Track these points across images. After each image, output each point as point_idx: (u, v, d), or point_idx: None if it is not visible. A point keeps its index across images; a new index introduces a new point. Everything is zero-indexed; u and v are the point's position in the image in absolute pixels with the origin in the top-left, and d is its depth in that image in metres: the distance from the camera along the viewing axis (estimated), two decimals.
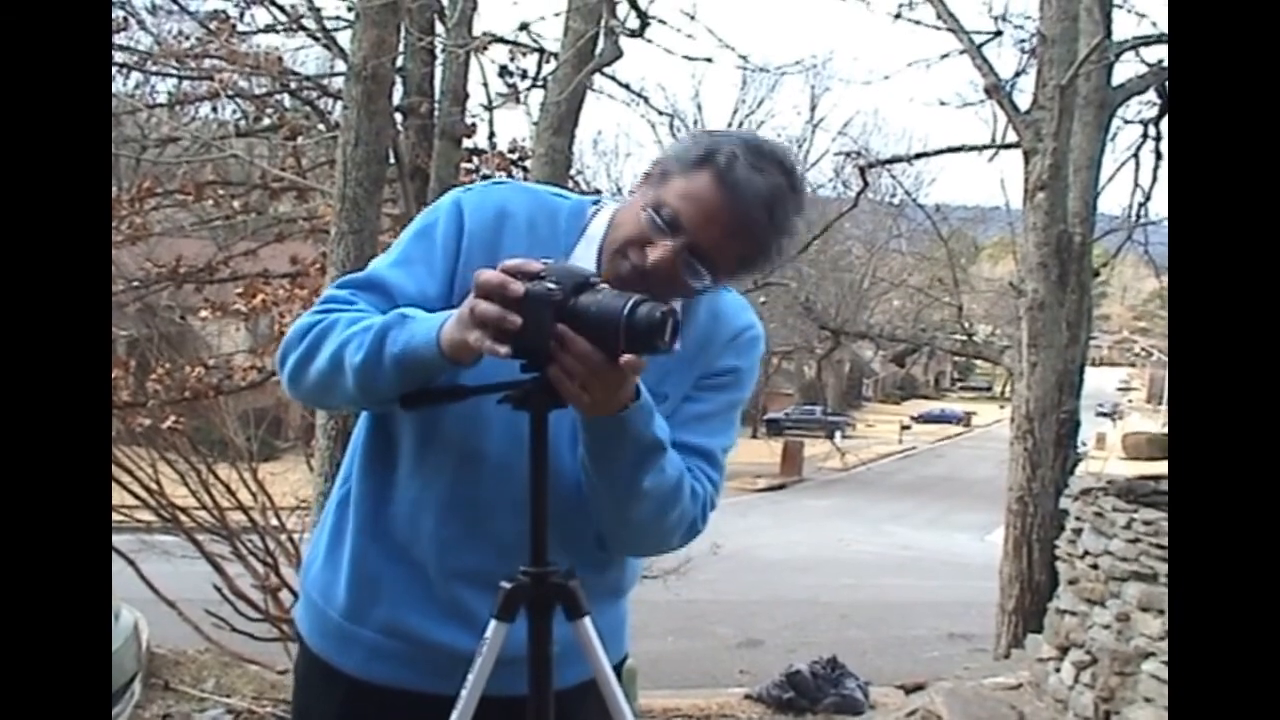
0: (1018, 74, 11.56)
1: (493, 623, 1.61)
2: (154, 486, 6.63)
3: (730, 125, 42.32)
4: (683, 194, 1.66)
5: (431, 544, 1.77)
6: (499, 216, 1.77)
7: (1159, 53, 11.17)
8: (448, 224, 1.77)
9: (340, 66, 7.84)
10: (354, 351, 1.62)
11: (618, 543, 1.83)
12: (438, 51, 7.12)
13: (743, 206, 1.64)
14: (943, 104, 19.51)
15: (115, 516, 6.36)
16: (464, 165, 7.43)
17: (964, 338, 13.34)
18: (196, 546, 6.72)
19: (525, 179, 7.29)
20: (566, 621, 1.63)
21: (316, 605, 1.88)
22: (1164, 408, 54.41)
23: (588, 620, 1.64)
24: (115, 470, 6.17)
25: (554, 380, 1.53)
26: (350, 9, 6.96)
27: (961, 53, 10.40)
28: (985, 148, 11.38)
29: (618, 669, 1.79)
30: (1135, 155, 12.55)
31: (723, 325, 1.84)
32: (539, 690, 1.62)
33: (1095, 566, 6.12)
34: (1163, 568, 5.49)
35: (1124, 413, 54.36)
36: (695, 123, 40.05)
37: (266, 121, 8.64)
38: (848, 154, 21.59)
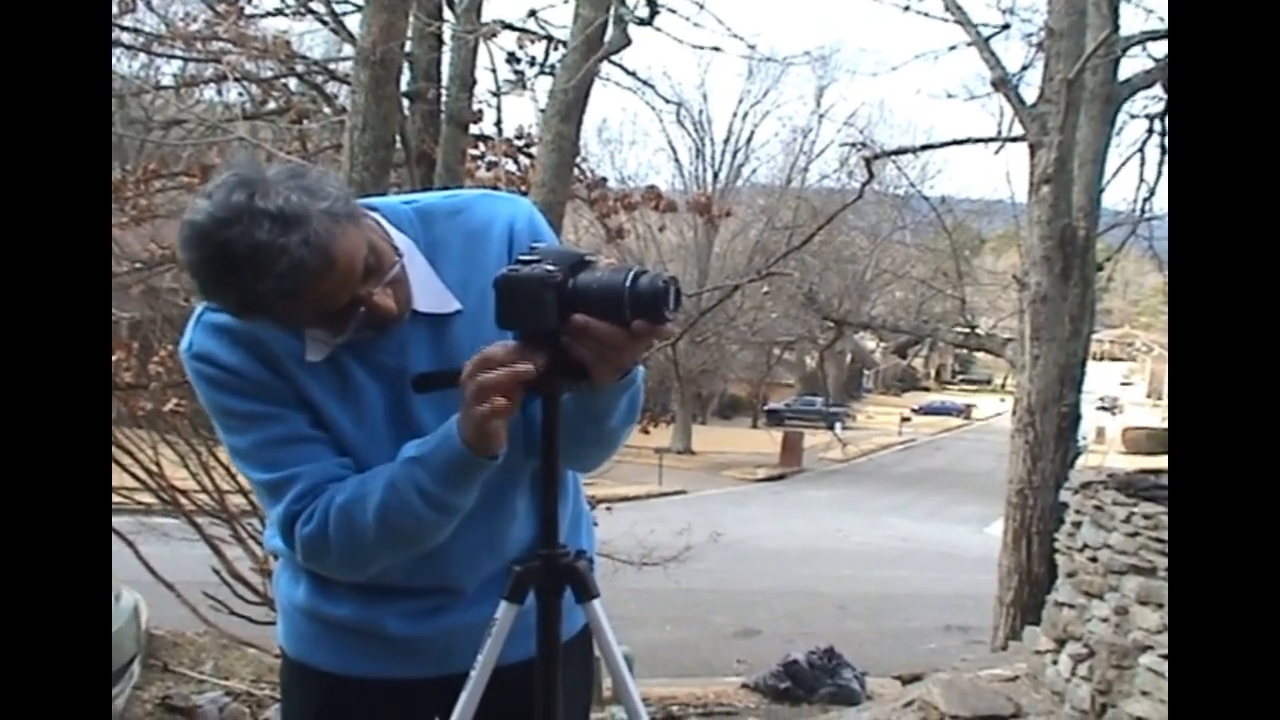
0: (1024, 68, 11.55)
1: (502, 604, 1.62)
2: (154, 469, 6.63)
3: (734, 114, 42.28)
4: None
5: (394, 569, 1.75)
6: (234, 342, 1.68)
7: (1165, 48, 11.16)
8: (232, 375, 1.68)
9: (348, 51, 7.83)
10: (402, 516, 1.62)
11: (582, 467, 1.86)
12: (446, 37, 7.11)
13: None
14: (949, 96, 19.51)
15: (115, 498, 6.36)
16: (470, 151, 7.42)
17: (966, 330, 13.32)
18: (196, 529, 6.72)
19: (531, 165, 7.31)
20: (576, 604, 1.64)
21: (285, 609, 1.90)
22: (1164, 403, 54.56)
23: (597, 603, 1.66)
24: (116, 452, 6.15)
25: (583, 361, 1.53)
26: None
27: (969, 45, 10.41)
28: (991, 140, 11.38)
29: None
30: (1140, 150, 12.59)
31: (483, 236, 1.75)
32: (548, 670, 1.63)
33: (1094, 560, 6.12)
34: (1162, 561, 5.50)
35: (1123, 407, 54.41)
36: (700, 111, 40.22)
37: (273, 105, 8.63)
38: (853, 145, 21.51)
